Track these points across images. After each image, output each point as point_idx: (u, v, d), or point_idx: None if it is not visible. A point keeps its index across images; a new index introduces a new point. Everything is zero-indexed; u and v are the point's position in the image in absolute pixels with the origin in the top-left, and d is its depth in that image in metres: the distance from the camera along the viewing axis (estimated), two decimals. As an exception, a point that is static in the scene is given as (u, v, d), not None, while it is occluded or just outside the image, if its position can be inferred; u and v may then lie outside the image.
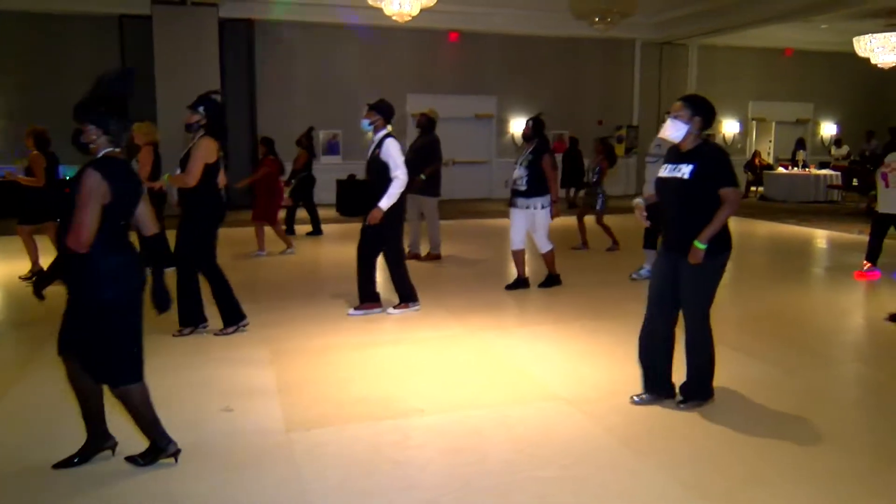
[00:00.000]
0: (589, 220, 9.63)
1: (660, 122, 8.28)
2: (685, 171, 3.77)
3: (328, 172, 15.08)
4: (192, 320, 5.42)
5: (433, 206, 8.78)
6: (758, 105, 19.80)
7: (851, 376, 4.70)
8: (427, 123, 8.78)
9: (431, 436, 3.69)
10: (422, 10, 10.75)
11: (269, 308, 6.36)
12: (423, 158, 8.66)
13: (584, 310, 6.38)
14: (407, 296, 6.19)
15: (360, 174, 7.21)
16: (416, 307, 6.21)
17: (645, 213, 4.19)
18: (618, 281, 7.56)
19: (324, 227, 11.17)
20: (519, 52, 16.93)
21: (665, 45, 18.07)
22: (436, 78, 16.48)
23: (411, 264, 8.47)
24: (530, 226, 6.93)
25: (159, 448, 3.29)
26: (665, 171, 3.93)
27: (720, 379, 4.48)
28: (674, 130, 3.87)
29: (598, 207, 9.37)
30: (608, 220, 9.55)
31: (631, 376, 4.53)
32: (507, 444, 3.56)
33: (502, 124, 17.28)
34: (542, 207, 6.81)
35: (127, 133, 3.30)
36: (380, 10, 10.71)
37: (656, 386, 4.08)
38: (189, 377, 4.55)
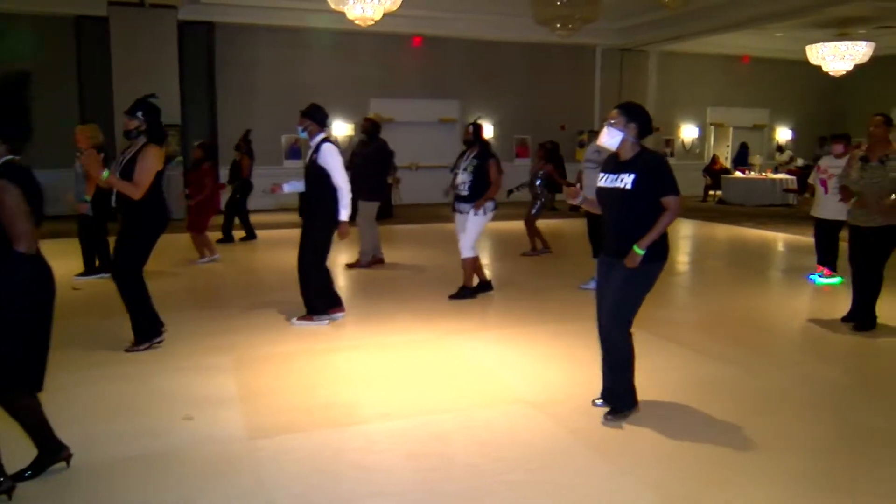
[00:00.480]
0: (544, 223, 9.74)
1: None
2: (627, 181, 3.75)
3: (289, 177, 15.00)
4: (147, 334, 5.18)
5: (372, 211, 8.64)
6: (716, 110, 20.20)
7: (810, 377, 4.80)
8: (372, 128, 8.68)
9: (397, 441, 3.67)
10: (384, 15, 10.72)
11: (230, 315, 6.27)
12: (375, 163, 8.59)
13: (548, 313, 6.42)
14: (316, 308, 5.95)
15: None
16: (325, 321, 5.93)
17: (578, 200, 4.13)
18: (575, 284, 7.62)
19: (271, 232, 11.07)
20: (482, 57, 17.01)
21: (626, 51, 18.32)
22: (399, 82, 16.48)
23: (374, 270, 8.51)
24: (463, 228, 6.79)
25: (49, 454, 3.21)
26: (605, 181, 3.90)
27: (681, 381, 4.56)
28: (609, 138, 3.86)
29: (532, 211, 9.51)
30: (549, 224, 9.70)
31: (595, 378, 4.57)
32: (473, 448, 3.56)
33: (460, 130, 17.33)
34: (479, 213, 6.67)
35: (26, 141, 3.14)
36: (342, 13, 10.66)
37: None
38: (149, 386, 4.46)
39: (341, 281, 7.96)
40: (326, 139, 5.89)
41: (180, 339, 5.41)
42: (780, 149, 19.98)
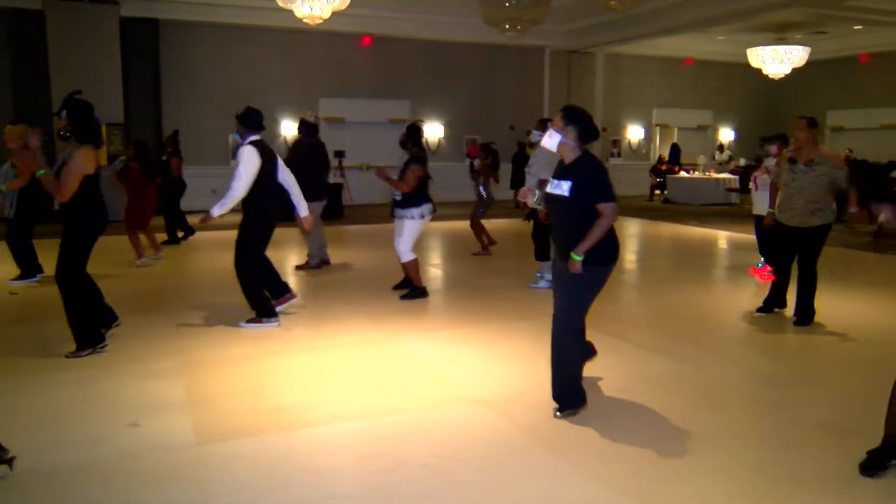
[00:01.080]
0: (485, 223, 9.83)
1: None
2: (565, 187, 3.80)
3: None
4: (90, 340, 5.03)
5: (316, 211, 8.55)
6: (661, 112, 20.64)
7: (753, 371, 4.94)
8: (303, 128, 8.61)
9: (349, 443, 3.64)
10: (333, 14, 10.63)
11: (175, 318, 6.13)
12: (308, 163, 8.50)
13: (499, 312, 6.46)
14: (262, 310, 5.88)
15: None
16: (274, 323, 5.86)
17: (533, 200, 4.21)
18: (524, 283, 7.68)
19: (218, 233, 10.86)
20: (433, 57, 17.05)
21: (574, 52, 18.58)
22: (349, 82, 16.39)
23: (323, 272, 8.42)
24: (400, 232, 6.82)
25: None
26: (551, 187, 3.94)
27: (630, 377, 4.64)
28: (547, 139, 3.91)
29: (478, 211, 9.65)
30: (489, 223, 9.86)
31: (546, 375, 4.61)
32: (425, 449, 3.56)
33: (412, 129, 17.31)
34: (412, 218, 6.70)
35: None
36: (291, 12, 10.53)
37: None
38: (93, 392, 4.33)
39: (290, 284, 7.85)
40: (253, 142, 5.79)
41: (124, 343, 5.27)
42: (721, 148, 20.52)
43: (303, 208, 6.08)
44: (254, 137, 5.82)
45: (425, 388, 4.47)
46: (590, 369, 4.59)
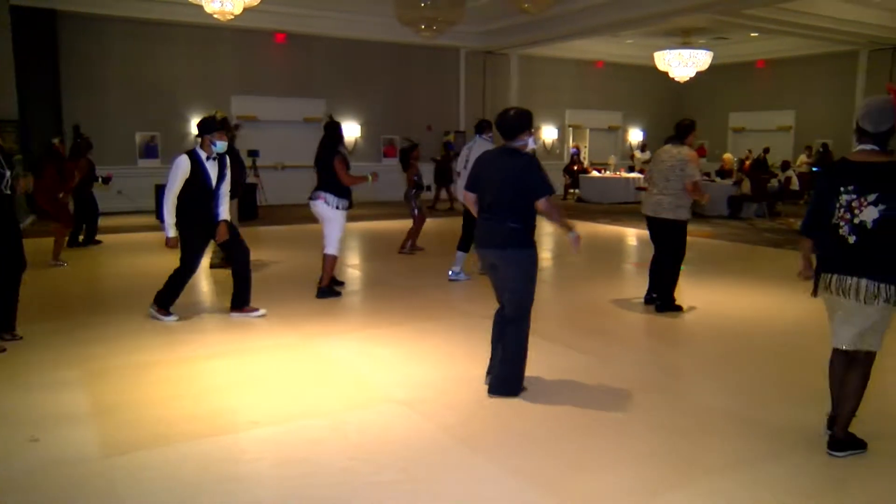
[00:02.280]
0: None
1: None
2: None
3: (142, 178, 14.22)
4: None
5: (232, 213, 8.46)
6: (573, 113, 21.15)
7: (657, 362, 5.14)
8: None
9: (266, 449, 3.57)
10: (245, 10, 10.39)
11: (78, 324, 5.86)
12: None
13: (417, 311, 6.47)
14: (242, 302, 6.21)
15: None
16: (257, 312, 6.19)
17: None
18: (445, 283, 7.74)
19: (125, 236, 10.49)
20: (348, 56, 16.90)
21: (488, 53, 18.80)
22: (262, 79, 16.05)
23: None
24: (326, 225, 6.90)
25: None
26: None
27: (544, 372, 4.73)
28: (532, 143, 4.41)
29: (412, 212, 9.74)
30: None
31: (464, 373, 4.67)
32: (345, 452, 3.53)
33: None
34: (338, 209, 6.79)
35: None
36: (201, 7, 10.22)
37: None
38: (-14, 406, 4.08)
39: (204, 285, 7.64)
40: (193, 148, 5.90)
41: (23, 352, 5.00)
42: (643, 148, 21.19)
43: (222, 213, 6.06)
44: (199, 142, 5.91)
45: (343, 390, 4.44)
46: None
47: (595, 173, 18.81)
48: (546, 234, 11.31)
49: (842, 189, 3.40)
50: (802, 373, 4.79)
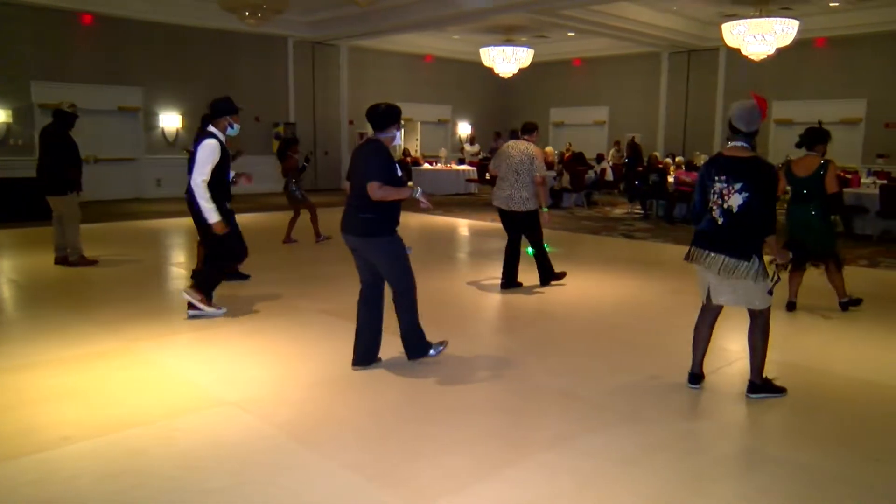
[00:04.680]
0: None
1: (316, 120, 8.48)
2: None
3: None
4: None
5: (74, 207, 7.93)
6: (405, 106, 21.06)
7: (494, 348, 5.35)
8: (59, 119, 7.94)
9: (85, 465, 3.29)
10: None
11: None
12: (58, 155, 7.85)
13: (249, 309, 6.25)
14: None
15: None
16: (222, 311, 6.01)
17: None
18: (285, 278, 7.56)
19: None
20: (167, 42, 15.91)
21: (317, 44, 18.51)
22: (68, 65, 14.71)
23: (52, 273, 7.54)
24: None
25: None
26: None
27: (383, 363, 4.76)
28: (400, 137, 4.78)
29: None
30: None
31: (298, 370, 4.60)
32: (174, 460, 3.35)
33: (151, 118, 16.08)
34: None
35: None
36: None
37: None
38: None
39: (5, 290, 6.91)
40: (212, 132, 5.96)
41: None
42: (472, 141, 21.80)
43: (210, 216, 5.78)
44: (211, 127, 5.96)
45: (171, 396, 4.20)
46: (337, 360, 4.67)
47: (427, 166, 19.14)
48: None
49: (716, 178, 4.00)
50: (623, 351, 5.19)
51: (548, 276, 7.25)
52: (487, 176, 17.95)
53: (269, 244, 9.60)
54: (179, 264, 8.63)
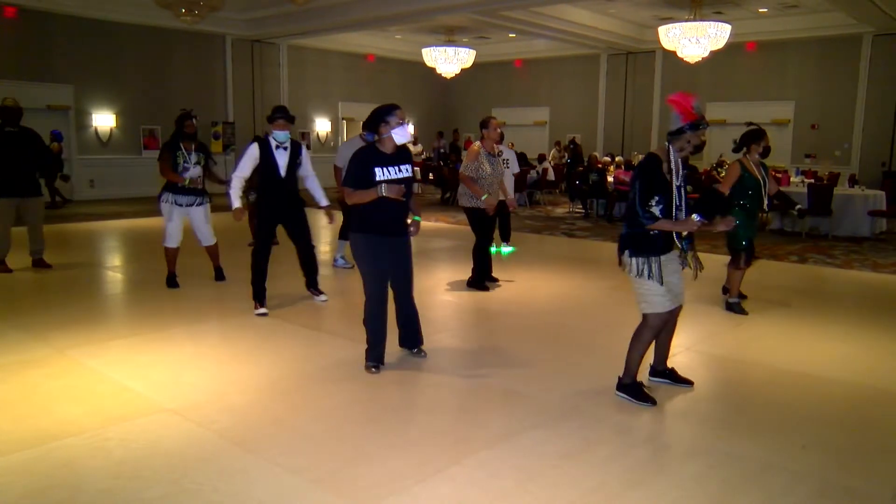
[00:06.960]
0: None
1: (256, 119, 8.38)
2: (408, 169, 4.66)
3: None
4: None
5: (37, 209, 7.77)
6: (346, 105, 21.19)
7: (439, 348, 5.34)
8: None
9: (8, 481, 3.15)
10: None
11: None
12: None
13: (187, 313, 6.11)
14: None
15: None
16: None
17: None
18: (218, 283, 7.40)
19: None
20: (98, 38, 15.42)
21: (256, 42, 18.21)
22: (-10, 61, 14.11)
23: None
24: (203, 221, 7.12)
25: None
26: (395, 173, 4.55)
27: (319, 365, 4.72)
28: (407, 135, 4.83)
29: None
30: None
31: (239, 375, 4.51)
32: (108, 471, 3.24)
33: (82, 117, 15.55)
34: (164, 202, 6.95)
35: None
36: None
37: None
38: None
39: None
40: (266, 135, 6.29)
41: None
42: (415, 141, 21.78)
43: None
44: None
45: (105, 404, 4.06)
46: (282, 361, 4.60)
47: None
48: (322, 227, 11.23)
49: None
50: (565, 348, 5.26)
51: (474, 278, 7.15)
52: (431, 176, 18.05)
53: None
54: (115, 268, 8.37)
